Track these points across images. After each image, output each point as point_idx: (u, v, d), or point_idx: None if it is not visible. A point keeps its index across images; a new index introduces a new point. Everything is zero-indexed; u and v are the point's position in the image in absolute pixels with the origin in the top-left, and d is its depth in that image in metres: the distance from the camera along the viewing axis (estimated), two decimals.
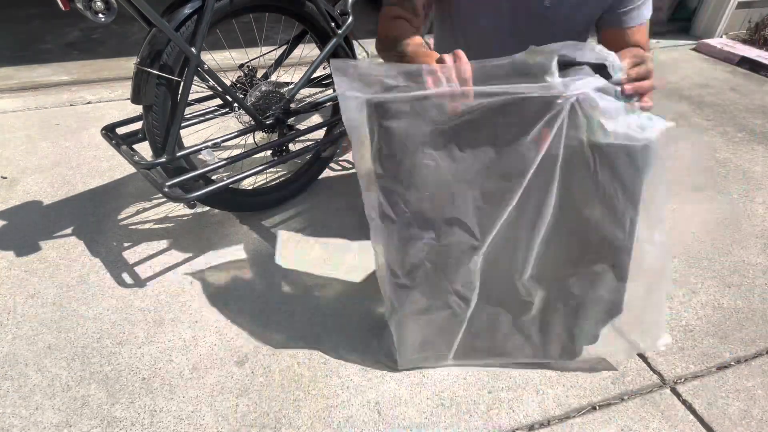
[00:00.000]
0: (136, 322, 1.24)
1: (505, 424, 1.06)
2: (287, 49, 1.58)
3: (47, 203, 1.61)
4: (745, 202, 1.80)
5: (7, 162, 1.79)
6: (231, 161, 1.38)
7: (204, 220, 1.58)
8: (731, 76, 2.92)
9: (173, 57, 1.20)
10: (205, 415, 1.05)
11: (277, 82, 1.47)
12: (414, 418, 1.06)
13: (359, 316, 1.28)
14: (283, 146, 1.51)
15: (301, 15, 1.42)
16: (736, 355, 1.23)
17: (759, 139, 2.24)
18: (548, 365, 1.17)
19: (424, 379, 1.14)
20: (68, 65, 2.55)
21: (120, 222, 1.55)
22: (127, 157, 1.28)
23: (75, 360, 1.14)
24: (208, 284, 1.35)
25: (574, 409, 1.09)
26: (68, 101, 2.24)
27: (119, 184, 1.72)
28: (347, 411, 1.07)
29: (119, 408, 1.05)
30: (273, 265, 1.42)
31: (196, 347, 1.18)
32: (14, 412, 1.03)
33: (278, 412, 1.06)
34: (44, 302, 1.27)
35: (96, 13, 1.05)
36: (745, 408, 1.11)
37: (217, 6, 1.21)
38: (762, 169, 2.00)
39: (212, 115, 1.51)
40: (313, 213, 1.63)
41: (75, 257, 1.41)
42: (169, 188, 1.25)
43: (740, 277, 1.46)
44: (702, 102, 2.57)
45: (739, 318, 1.33)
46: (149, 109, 1.24)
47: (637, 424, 1.07)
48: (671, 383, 1.16)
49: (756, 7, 3.50)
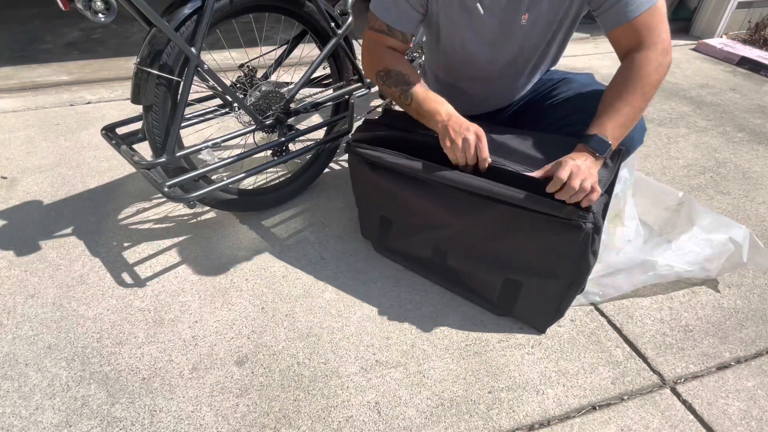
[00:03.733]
0: (135, 322, 1.24)
1: (505, 424, 1.06)
2: (287, 49, 1.58)
3: (47, 203, 1.61)
4: (745, 202, 1.80)
5: (7, 162, 1.79)
6: (231, 161, 1.38)
7: (204, 220, 1.58)
8: (731, 76, 2.92)
9: (173, 57, 1.20)
10: (205, 415, 1.05)
11: (277, 82, 1.47)
12: (414, 418, 1.06)
13: (360, 315, 1.28)
14: (283, 146, 1.51)
15: (301, 15, 1.42)
16: (736, 355, 1.23)
17: (759, 139, 2.24)
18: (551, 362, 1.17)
19: (424, 379, 1.14)
20: (68, 65, 2.55)
21: (120, 222, 1.55)
22: (127, 157, 1.28)
23: (75, 360, 1.14)
24: (208, 284, 1.35)
25: (574, 409, 1.09)
26: (68, 101, 2.24)
27: (119, 184, 1.72)
28: (347, 411, 1.07)
29: (119, 408, 1.05)
30: (273, 265, 1.42)
31: (196, 347, 1.18)
32: (14, 412, 1.03)
33: (278, 412, 1.06)
34: (44, 302, 1.27)
35: (96, 13, 1.05)
36: (745, 408, 1.11)
37: (217, 6, 1.21)
38: (762, 169, 2.00)
39: (212, 115, 1.51)
40: (313, 213, 1.63)
41: (75, 257, 1.41)
42: (169, 188, 1.25)
43: (740, 277, 1.46)
44: (702, 102, 2.57)
45: (739, 318, 1.33)
46: (149, 109, 1.23)
47: (637, 424, 1.07)
48: (671, 383, 1.16)
49: (756, 7, 3.50)
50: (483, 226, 1.18)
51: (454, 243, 1.27)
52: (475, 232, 1.20)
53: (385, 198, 1.33)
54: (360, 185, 1.38)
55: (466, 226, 1.20)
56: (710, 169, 2.00)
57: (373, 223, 1.42)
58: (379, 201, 1.36)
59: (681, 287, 1.41)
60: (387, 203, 1.34)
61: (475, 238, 1.21)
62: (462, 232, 1.22)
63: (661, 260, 1.32)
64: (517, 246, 1.16)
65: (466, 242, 1.24)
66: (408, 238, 1.36)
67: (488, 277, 1.25)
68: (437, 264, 1.33)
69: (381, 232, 1.41)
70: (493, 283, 1.25)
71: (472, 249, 1.24)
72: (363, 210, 1.44)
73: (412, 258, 1.39)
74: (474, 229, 1.20)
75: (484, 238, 1.19)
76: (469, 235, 1.22)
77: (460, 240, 1.24)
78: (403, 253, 1.40)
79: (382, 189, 1.30)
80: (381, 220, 1.39)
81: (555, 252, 1.11)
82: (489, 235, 1.18)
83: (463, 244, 1.25)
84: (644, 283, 1.35)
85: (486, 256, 1.22)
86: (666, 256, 1.33)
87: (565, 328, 1.28)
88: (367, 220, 1.45)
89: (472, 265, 1.26)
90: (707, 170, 1.99)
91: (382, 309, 1.30)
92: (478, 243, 1.21)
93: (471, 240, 1.22)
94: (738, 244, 1.33)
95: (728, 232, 1.35)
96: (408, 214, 1.30)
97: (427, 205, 1.24)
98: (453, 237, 1.25)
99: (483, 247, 1.21)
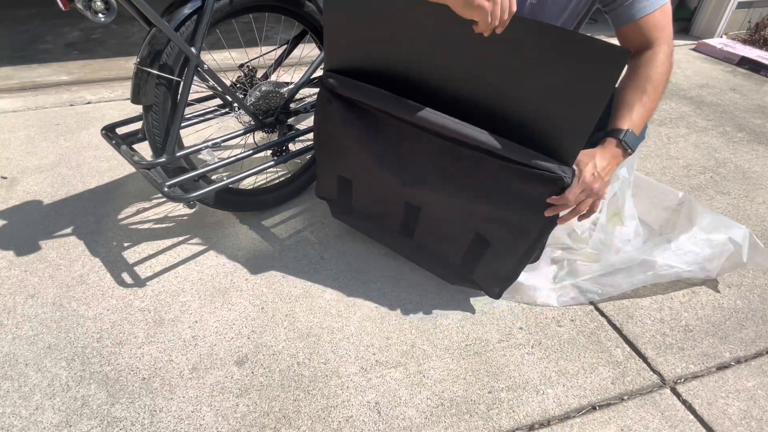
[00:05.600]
0: (135, 322, 1.24)
1: (505, 424, 1.06)
2: (287, 49, 1.58)
3: (47, 203, 1.61)
4: (745, 202, 1.80)
5: (7, 162, 1.79)
6: (231, 161, 1.38)
7: (204, 220, 1.58)
8: (731, 76, 2.92)
9: (173, 57, 1.20)
10: (205, 415, 1.05)
11: (276, 82, 1.47)
12: (414, 418, 1.06)
13: (360, 315, 1.28)
14: (283, 146, 1.51)
15: (301, 15, 1.42)
16: (736, 355, 1.23)
17: (759, 139, 2.24)
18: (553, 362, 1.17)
19: (424, 379, 1.14)
20: (68, 65, 2.55)
21: (120, 222, 1.55)
22: (127, 157, 1.28)
23: (75, 360, 1.14)
24: (208, 284, 1.35)
25: (574, 409, 1.09)
26: (68, 101, 2.24)
27: (119, 184, 1.72)
28: (347, 411, 1.07)
29: (119, 408, 1.05)
30: (273, 265, 1.42)
31: (196, 347, 1.18)
32: (14, 412, 1.03)
33: (278, 412, 1.06)
34: (44, 302, 1.27)
35: (96, 13, 1.05)
36: (745, 408, 1.11)
37: (216, 6, 1.21)
38: (762, 169, 2.00)
39: (212, 115, 1.51)
40: (312, 213, 1.63)
41: (75, 257, 1.41)
42: (169, 188, 1.25)
43: (740, 277, 1.46)
44: (702, 102, 2.57)
45: (739, 318, 1.33)
46: (149, 109, 1.24)
47: (637, 424, 1.07)
48: (671, 383, 1.16)
49: (756, 7, 3.50)
50: (459, 175, 1.12)
51: (425, 198, 1.20)
52: (451, 183, 1.14)
53: (350, 150, 1.24)
54: (325, 132, 1.29)
55: (442, 177, 1.14)
56: (710, 169, 2.00)
57: (331, 183, 1.37)
58: (342, 154, 1.28)
59: (681, 287, 1.41)
60: (352, 157, 1.25)
61: (448, 190, 1.15)
62: (437, 183, 1.16)
63: (661, 260, 1.32)
64: (492, 198, 1.10)
65: (438, 196, 1.18)
66: (372, 197, 1.31)
67: (457, 234, 1.22)
68: (402, 226, 1.30)
69: (340, 194, 1.37)
70: (460, 241, 1.23)
71: (444, 203, 1.18)
72: (323, 165, 1.37)
73: (372, 220, 1.37)
74: (450, 179, 1.14)
75: (459, 189, 1.13)
76: (443, 187, 1.15)
77: (433, 194, 1.18)
78: (364, 215, 1.37)
79: (349, 137, 1.21)
80: (339, 180, 1.34)
81: (528, 205, 1.06)
82: (464, 186, 1.12)
83: (435, 199, 1.19)
84: (644, 283, 1.35)
85: (457, 211, 1.18)
86: (665, 255, 1.33)
87: (565, 328, 1.28)
88: (326, 178, 1.38)
89: (441, 224, 1.23)
90: (707, 170, 1.99)
91: (382, 309, 1.30)
92: (452, 195, 1.15)
93: (444, 193, 1.16)
94: (738, 244, 1.33)
95: (728, 232, 1.35)
96: (376, 170, 1.22)
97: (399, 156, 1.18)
98: (426, 192, 1.19)
99: (456, 202, 1.16)
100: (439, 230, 1.26)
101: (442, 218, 1.23)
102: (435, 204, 1.21)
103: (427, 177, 1.17)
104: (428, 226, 1.28)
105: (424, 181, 1.18)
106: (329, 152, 1.32)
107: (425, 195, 1.20)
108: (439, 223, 1.25)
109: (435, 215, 1.24)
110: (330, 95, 1.21)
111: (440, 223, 1.25)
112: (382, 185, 1.26)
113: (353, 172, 1.30)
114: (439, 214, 1.23)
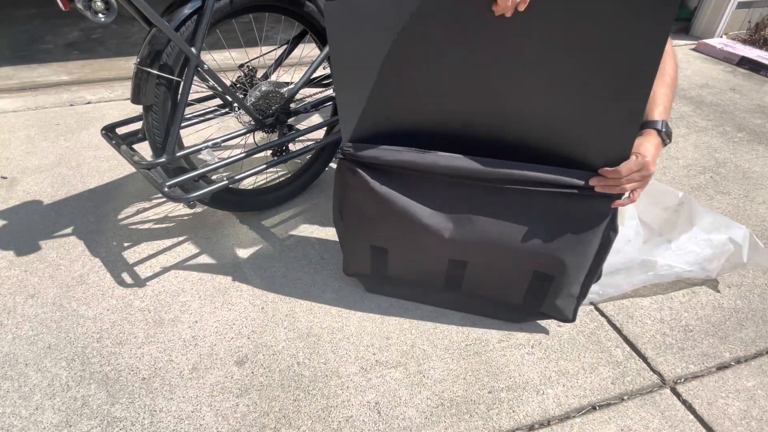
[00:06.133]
0: (135, 322, 1.24)
1: (505, 424, 1.06)
2: (287, 49, 1.58)
3: (47, 203, 1.61)
4: (745, 202, 1.80)
5: (7, 162, 1.80)
6: (231, 161, 1.38)
7: (204, 220, 1.58)
8: (731, 76, 2.92)
9: (173, 57, 1.20)
10: (205, 415, 1.05)
11: (277, 82, 1.47)
12: (414, 418, 1.06)
13: (360, 315, 1.28)
14: (283, 146, 1.51)
15: (301, 15, 1.42)
16: (736, 355, 1.23)
17: (759, 139, 2.24)
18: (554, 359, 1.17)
19: (424, 379, 1.14)
20: (68, 65, 2.55)
21: (120, 222, 1.55)
22: (127, 157, 1.28)
23: (75, 360, 1.14)
24: (208, 284, 1.35)
25: (574, 409, 1.09)
26: (68, 101, 2.24)
27: (119, 184, 1.72)
28: (347, 411, 1.07)
29: (119, 408, 1.05)
30: (273, 265, 1.42)
31: (196, 347, 1.18)
32: (14, 412, 1.03)
33: (278, 412, 1.06)
34: (44, 302, 1.27)
35: (96, 13, 1.05)
36: (745, 408, 1.11)
37: (217, 6, 1.21)
38: (762, 169, 2.00)
39: (212, 115, 1.51)
40: (313, 213, 1.63)
41: (75, 257, 1.41)
42: (169, 188, 1.25)
43: (740, 277, 1.46)
44: (702, 102, 2.57)
45: (739, 318, 1.33)
46: (149, 109, 1.24)
47: (637, 424, 1.07)
48: (671, 383, 1.16)
49: (756, 7, 3.50)
50: (506, 217, 1.07)
51: (472, 250, 1.13)
52: (499, 227, 1.08)
53: (382, 217, 1.14)
54: (350, 205, 1.18)
55: (488, 224, 1.09)
56: (710, 169, 2.00)
57: (363, 256, 1.26)
58: (374, 224, 1.17)
59: (681, 287, 1.41)
60: (385, 224, 1.16)
61: (497, 236, 1.09)
62: (484, 232, 1.10)
63: (661, 260, 1.32)
64: (547, 228, 1.06)
65: (487, 245, 1.11)
66: (411, 261, 1.22)
67: (513, 278, 1.17)
68: (447, 282, 1.24)
69: (374, 265, 1.27)
70: (518, 283, 1.18)
71: (494, 251, 1.12)
72: (352, 240, 1.25)
73: (412, 285, 1.29)
74: (497, 224, 1.08)
75: (509, 231, 1.08)
76: (491, 234, 1.10)
77: (481, 245, 1.11)
78: (403, 281, 1.29)
79: (380, 203, 1.12)
80: (373, 251, 1.23)
81: (585, 226, 1.04)
82: (514, 227, 1.07)
83: (483, 249, 1.12)
84: (644, 283, 1.35)
85: (510, 254, 1.11)
86: (666, 256, 1.33)
87: (565, 328, 1.28)
88: (357, 253, 1.27)
89: (492, 271, 1.17)
90: (707, 170, 1.99)
91: (382, 309, 1.30)
92: (502, 239, 1.09)
93: (492, 240, 1.10)
94: (738, 244, 1.33)
95: (728, 232, 1.35)
96: (414, 231, 1.13)
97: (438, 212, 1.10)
98: (472, 244, 1.12)
99: (507, 246, 1.10)
100: (491, 278, 1.20)
101: (493, 265, 1.17)
102: (483, 254, 1.14)
103: (473, 228, 1.11)
104: (477, 277, 1.21)
105: (471, 232, 1.11)
106: (358, 225, 1.21)
107: (472, 247, 1.13)
108: (489, 272, 1.18)
109: (484, 265, 1.17)
110: (352, 165, 1.11)
111: (491, 270, 1.18)
112: (423, 246, 1.17)
113: (387, 239, 1.20)
114: (489, 263, 1.16)
